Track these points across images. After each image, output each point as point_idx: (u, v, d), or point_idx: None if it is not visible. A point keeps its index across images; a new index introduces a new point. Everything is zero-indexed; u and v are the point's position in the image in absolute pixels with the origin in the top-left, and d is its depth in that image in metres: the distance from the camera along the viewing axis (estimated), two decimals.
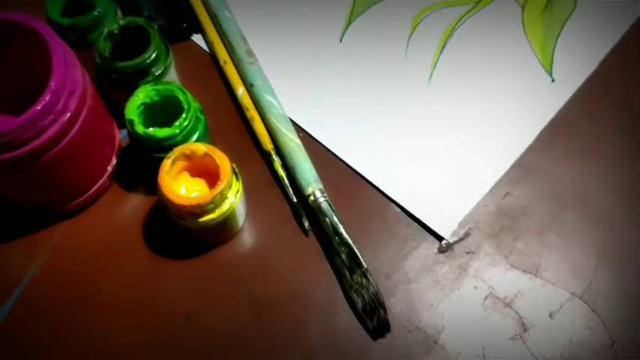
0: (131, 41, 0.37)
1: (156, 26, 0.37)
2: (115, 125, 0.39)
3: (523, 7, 0.45)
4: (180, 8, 0.43)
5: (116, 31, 0.37)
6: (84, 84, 0.32)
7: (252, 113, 0.40)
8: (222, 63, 0.42)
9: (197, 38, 0.44)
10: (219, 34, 0.43)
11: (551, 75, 0.41)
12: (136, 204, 0.38)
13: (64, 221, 0.37)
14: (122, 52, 0.38)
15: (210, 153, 0.33)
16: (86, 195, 0.37)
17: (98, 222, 0.37)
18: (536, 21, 0.44)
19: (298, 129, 0.40)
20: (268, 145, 0.39)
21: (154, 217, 0.37)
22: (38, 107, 0.29)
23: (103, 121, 0.36)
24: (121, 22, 0.37)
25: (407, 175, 0.38)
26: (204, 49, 0.43)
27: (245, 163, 0.37)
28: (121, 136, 0.39)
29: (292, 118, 0.40)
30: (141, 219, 0.37)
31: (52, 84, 0.30)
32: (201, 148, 0.33)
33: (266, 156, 0.39)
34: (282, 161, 0.38)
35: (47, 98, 0.29)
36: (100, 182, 0.37)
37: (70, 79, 0.30)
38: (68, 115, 0.31)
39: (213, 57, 0.42)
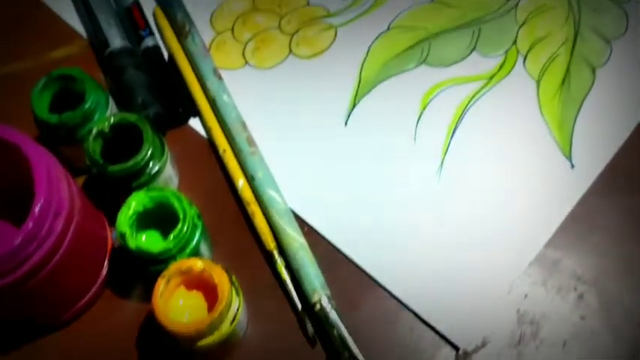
0: (123, 137, 0.35)
1: (148, 122, 0.35)
2: (106, 225, 0.36)
3: (538, 83, 0.42)
4: (176, 92, 0.41)
5: (106, 130, 0.35)
6: (71, 200, 0.30)
7: (254, 208, 0.37)
8: (221, 152, 0.39)
9: (195, 122, 0.41)
10: (217, 120, 0.40)
11: (570, 160, 0.39)
12: (130, 310, 0.36)
13: (54, 332, 0.35)
14: (114, 150, 0.35)
15: (208, 269, 0.31)
16: (76, 306, 0.34)
17: (90, 333, 0.35)
18: (553, 98, 0.41)
19: (302, 223, 0.37)
20: (271, 244, 0.36)
21: (150, 324, 0.34)
22: (18, 241, 0.26)
23: (93, 228, 0.34)
24: (112, 120, 0.35)
25: (419, 278, 0.36)
26: (202, 135, 0.40)
27: (246, 263, 0.36)
28: (113, 235, 0.36)
29: (295, 210, 0.37)
30: (136, 327, 0.35)
31: (35, 209, 0.27)
32: (199, 264, 0.31)
33: (268, 255, 0.36)
34: (285, 261, 0.35)
35: (29, 226, 0.27)
36: (92, 291, 0.35)
37: (55, 200, 0.28)
38: (53, 238, 0.28)
39: (211, 144, 0.40)
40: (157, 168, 0.35)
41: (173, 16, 0.43)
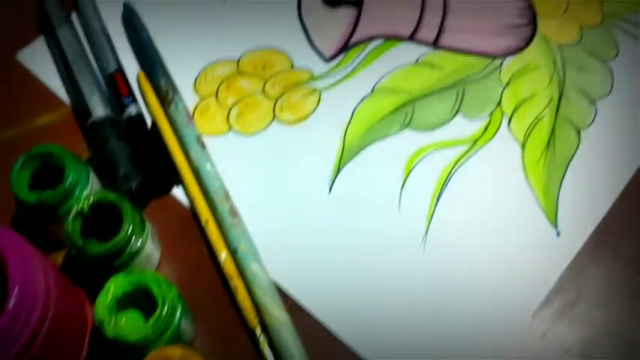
0: (103, 214, 0.35)
1: (130, 197, 0.36)
2: (86, 302, 0.36)
3: (523, 146, 0.42)
4: (159, 161, 0.40)
5: (85, 210, 0.34)
6: (47, 290, 0.29)
7: (236, 282, 0.37)
8: (203, 222, 0.39)
9: (178, 191, 0.41)
10: (201, 190, 0.39)
11: (556, 227, 0.38)
12: None
13: None
14: (94, 227, 0.36)
15: (187, 358, 0.30)
16: None
17: None
18: (538, 162, 0.41)
19: (286, 296, 0.36)
20: (253, 321, 0.36)
21: None
22: None
23: (72, 309, 0.34)
24: (91, 199, 0.34)
25: (409, 353, 0.35)
26: (185, 205, 0.40)
27: (230, 339, 0.36)
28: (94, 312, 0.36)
29: (279, 282, 0.37)
30: None
31: (9, 306, 0.27)
32: (177, 353, 0.30)
33: (252, 332, 0.36)
34: (269, 338, 0.35)
35: (4, 323, 0.26)
36: None
37: (29, 297, 0.28)
38: (26, 336, 0.28)
39: (194, 214, 0.39)
40: (137, 246, 0.35)
41: (156, 82, 0.43)
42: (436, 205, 0.40)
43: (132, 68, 0.45)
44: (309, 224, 0.39)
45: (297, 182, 0.41)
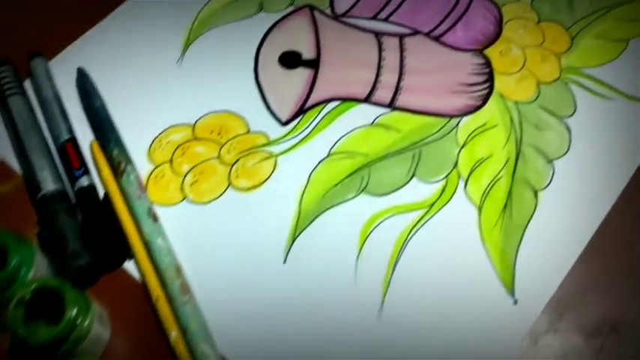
0: (47, 299, 0.34)
1: (77, 276, 0.36)
2: None
3: (480, 209, 0.41)
4: (111, 235, 0.40)
5: (27, 297, 0.33)
6: None
7: None
8: (154, 299, 0.38)
9: (131, 265, 0.40)
10: (152, 264, 0.39)
11: (513, 295, 0.38)
12: None
13: None
14: (39, 311, 0.35)
15: None
16: None
17: None
18: (495, 226, 0.41)
19: None
20: None
21: None
22: None
23: None
24: (33, 286, 0.34)
25: None
26: (137, 280, 0.39)
27: None
28: None
29: (232, 358, 0.36)
30: None
31: None
32: None
33: None
34: None
35: None
36: None
37: None
38: None
39: (146, 290, 0.39)
40: (83, 331, 0.34)
41: (109, 152, 0.42)
42: (392, 274, 0.39)
43: (89, 134, 0.44)
44: (264, 296, 0.39)
45: (251, 252, 0.40)
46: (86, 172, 0.42)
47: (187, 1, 0.51)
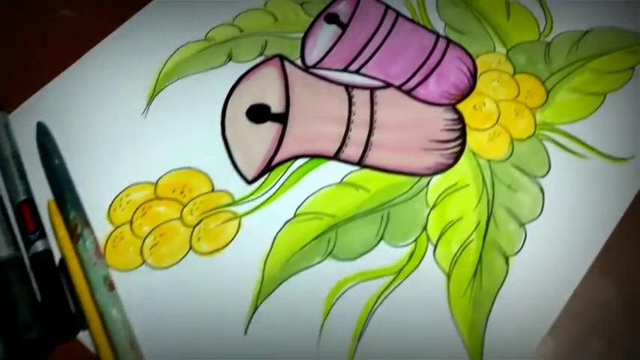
0: None
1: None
2: None
3: (449, 276, 0.40)
4: (65, 303, 0.38)
5: None
6: None
7: None
8: None
9: (86, 336, 0.38)
10: (106, 336, 0.37)
11: None
12: None
13: None
14: None
15: None
16: None
17: None
18: (464, 294, 0.39)
19: None
20: None
21: None
22: None
23: None
24: None
25: None
26: (92, 352, 0.38)
27: None
28: None
29: None
30: None
31: None
32: None
33: None
34: None
35: None
36: None
37: None
38: None
39: None
40: None
41: (66, 214, 0.41)
42: (357, 345, 0.38)
43: (46, 192, 0.43)
44: None
45: (211, 322, 0.39)
46: (42, 235, 0.41)
47: (155, 50, 0.49)
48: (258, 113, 0.46)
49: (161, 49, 0.50)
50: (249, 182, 0.44)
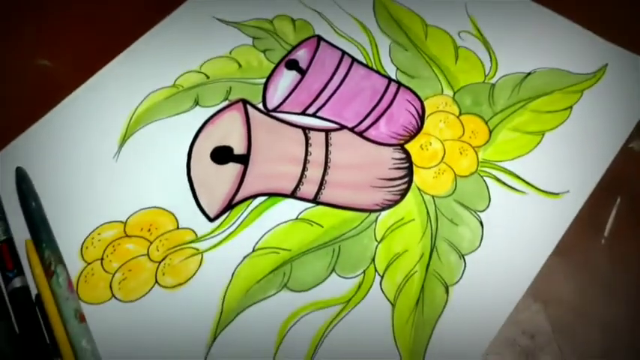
0: None
1: None
2: None
3: (394, 305, 0.43)
4: (40, 337, 0.41)
5: None
6: None
7: None
8: None
9: None
10: None
11: None
12: None
13: None
14: None
15: None
16: None
17: None
18: (407, 322, 0.43)
19: None
20: None
21: None
22: None
23: None
24: None
25: None
26: None
27: None
28: None
29: None
30: None
31: None
32: None
33: None
34: None
35: None
36: None
37: None
38: None
39: None
40: None
41: (41, 253, 0.44)
42: None
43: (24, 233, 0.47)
44: None
45: (174, 350, 0.42)
46: (20, 272, 0.44)
47: (126, 97, 0.53)
48: (221, 155, 0.50)
49: (132, 95, 0.54)
50: (212, 220, 0.48)
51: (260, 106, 0.53)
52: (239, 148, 0.50)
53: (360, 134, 0.51)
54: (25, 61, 0.56)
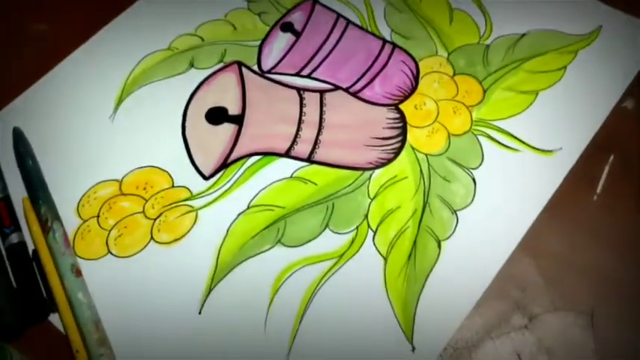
0: None
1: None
2: None
3: (386, 259, 0.44)
4: (37, 289, 0.42)
5: None
6: None
7: None
8: (74, 352, 0.40)
9: (57, 318, 0.42)
10: (74, 318, 0.41)
11: (411, 342, 0.40)
12: None
13: None
14: None
15: None
16: None
17: None
18: (399, 276, 0.43)
19: None
20: None
21: None
22: None
23: None
24: None
25: None
26: (62, 332, 0.42)
27: None
28: None
29: None
30: None
31: None
32: None
33: None
34: None
35: None
36: None
37: None
38: None
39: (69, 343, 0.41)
40: None
41: (38, 210, 0.45)
42: (300, 322, 0.42)
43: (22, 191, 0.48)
44: (179, 345, 0.41)
45: (169, 304, 0.43)
46: (17, 229, 0.45)
47: (122, 60, 0.53)
48: (216, 116, 0.51)
49: (128, 58, 0.54)
50: (206, 178, 0.48)
51: (255, 68, 0.53)
52: (234, 109, 0.51)
53: (355, 94, 0.51)
54: (23, 25, 0.56)
